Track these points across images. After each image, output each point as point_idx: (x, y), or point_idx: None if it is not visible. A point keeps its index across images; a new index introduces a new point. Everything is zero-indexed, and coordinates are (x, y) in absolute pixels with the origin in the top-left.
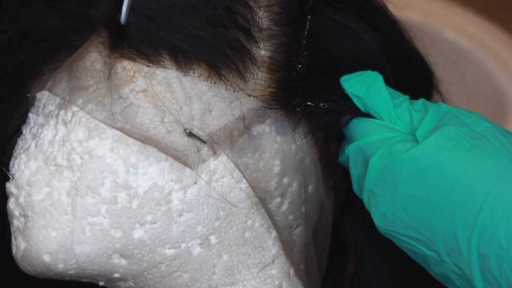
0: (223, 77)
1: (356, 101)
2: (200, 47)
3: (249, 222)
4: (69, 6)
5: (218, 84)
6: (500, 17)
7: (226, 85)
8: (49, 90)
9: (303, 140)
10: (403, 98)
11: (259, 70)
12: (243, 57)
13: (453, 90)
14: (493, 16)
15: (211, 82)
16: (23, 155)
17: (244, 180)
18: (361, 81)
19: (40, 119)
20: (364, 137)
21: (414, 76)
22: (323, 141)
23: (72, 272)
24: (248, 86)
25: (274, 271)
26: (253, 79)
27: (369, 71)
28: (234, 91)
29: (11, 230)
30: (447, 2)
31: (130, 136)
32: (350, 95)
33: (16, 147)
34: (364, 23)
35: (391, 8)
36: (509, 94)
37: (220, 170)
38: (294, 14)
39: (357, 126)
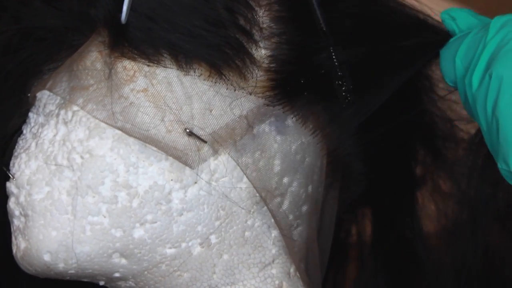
0: (223, 76)
1: (448, 21)
2: (200, 46)
3: (249, 222)
4: (70, 5)
5: (219, 84)
6: None
7: (227, 84)
8: (50, 90)
9: (306, 139)
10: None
11: (259, 69)
12: (243, 56)
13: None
14: (493, 16)
15: (211, 81)
16: (23, 155)
17: (245, 180)
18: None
19: (41, 119)
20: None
21: None
22: (330, 136)
23: (73, 271)
24: (248, 84)
25: (274, 271)
26: (253, 77)
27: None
28: (235, 90)
29: (12, 229)
30: (447, 2)
31: (131, 135)
32: (443, 16)
33: (16, 146)
34: None
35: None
36: None
37: (220, 170)
38: (295, 12)
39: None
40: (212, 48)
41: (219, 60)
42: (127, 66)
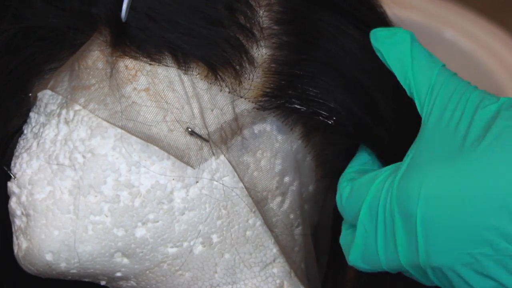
0: (219, 77)
1: (379, 55)
2: (199, 46)
3: (250, 221)
4: (71, 4)
5: (216, 84)
6: (500, 17)
7: (221, 86)
8: (51, 89)
9: (298, 141)
10: (434, 66)
11: (256, 71)
12: (241, 56)
13: None
14: (493, 16)
15: (209, 82)
16: (24, 154)
17: (246, 179)
18: (387, 36)
19: (42, 118)
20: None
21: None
22: (317, 144)
23: (74, 271)
24: (243, 87)
25: (275, 270)
26: (248, 79)
27: (400, 28)
28: (229, 92)
29: (13, 229)
30: (447, 2)
31: (132, 134)
32: (374, 49)
33: (17, 146)
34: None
35: (391, 8)
36: (509, 94)
37: (222, 169)
38: (295, 13)
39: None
40: (210, 48)
41: (216, 60)
42: (128, 65)
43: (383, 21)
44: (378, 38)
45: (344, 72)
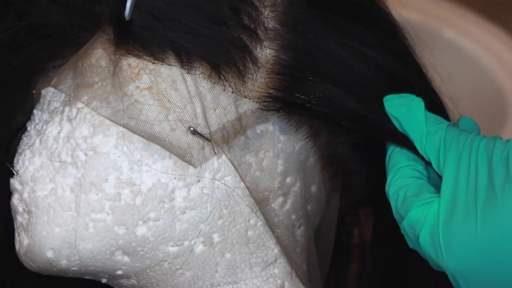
0: (222, 77)
1: (394, 122)
2: (202, 45)
3: (252, 221)
4: (75, 2)
5: (219, 84)
6: (500, 17)
7: (225, 86)
8: (54, 87)
9: (305, 141)
10: (441, 126)
11: (259, 71)
12: (244, 56)
13: (453, 90)
14: (493, 16)
15: (212, 81)
16: (27, 151)
17: (248, 179)
18: (402, 103)
19: (45, 116)
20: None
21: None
22: (325, 144)
23: (75, 268)
24: (247, 87)
25: (276, 270)
26: (252, 80)
27: (412, 96)
28: (232, 92)
29: (15, 226)
30: (447, 2)
31: (135, 133)
32: (389, 115)
33: (20, 143)
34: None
35: (391, 8)
36: (509, 94)
37: (223, 169)
38: (300, 15)
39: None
40: (214, 47)
41: (220, 59)
42: (132, 64)
43: (388, 21)
44: (394, 106)
45: (348, 73)
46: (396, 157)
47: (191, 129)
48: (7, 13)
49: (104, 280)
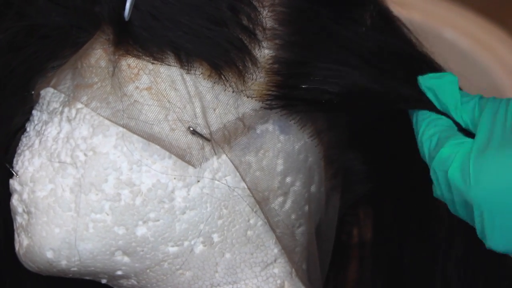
0: (223, 76)
1: (428, 94)
2: (202, 45)
3: (251, 221)
4: (74, 2)
5: (219, 84)
6: (500, 17)
7: (226, 86)
8: (54, 87)
9: (309, 139)
10: (474, 96)
11: (259, 71)
12: (244, 56)
13: None
14: (493, 16)
15: (212, 81)
16: (27, 152)
17: (248, 179)
18: (437, 77)
19: (44, 116)
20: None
21: None
22: (326, 143)
23: (75, 269)
24: (247, 87)
25: (276, 270)
26: (252, 79)
27: (446, 72)
28: (233, 92)
29: (14, 227)
30: (447, 2)
31: (134, 133)
32: (424, 88)
33: (20, 144)
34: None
35: (391, 7)
36: (509, 94)
37: (223, 169)
38: (298, 14)
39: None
40: (213, 47)
41: (219, 60)
42: (131, 64)
43: (387, 17)
44: (428, 79)
45: (347, 71)
46: (426, 113)
47: (191, 129)
48: (7, 13)
49: (104, 281)
